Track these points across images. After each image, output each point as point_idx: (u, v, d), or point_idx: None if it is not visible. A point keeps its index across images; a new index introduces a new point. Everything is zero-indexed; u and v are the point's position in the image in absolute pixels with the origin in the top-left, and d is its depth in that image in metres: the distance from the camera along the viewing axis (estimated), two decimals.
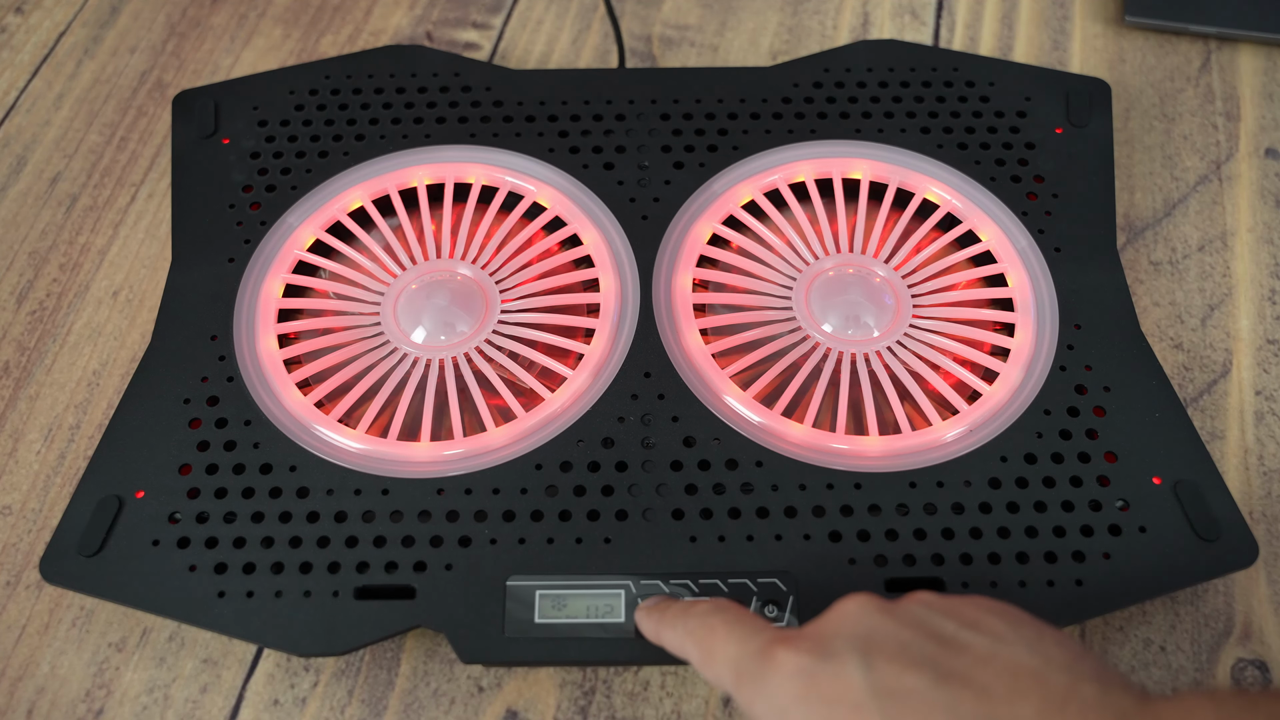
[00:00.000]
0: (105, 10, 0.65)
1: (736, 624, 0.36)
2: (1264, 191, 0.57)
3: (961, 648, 0.33)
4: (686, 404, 0.46)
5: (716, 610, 0.37)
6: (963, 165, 0.53)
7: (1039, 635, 0.33)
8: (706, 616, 0.37)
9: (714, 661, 0.36)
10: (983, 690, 0.31)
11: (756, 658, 0.34)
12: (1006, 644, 0.33)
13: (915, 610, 0.34)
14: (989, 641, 0.33)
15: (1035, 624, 0.34)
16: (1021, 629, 0.34)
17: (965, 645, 0.33)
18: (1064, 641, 0.33)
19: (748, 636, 0.35)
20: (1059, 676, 0.31)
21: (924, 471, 0.45)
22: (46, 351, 0.52)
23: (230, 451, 0.45)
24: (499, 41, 0.64)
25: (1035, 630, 0.34)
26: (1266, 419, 0.50)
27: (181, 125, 0.55)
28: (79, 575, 0.43)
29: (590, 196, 0.52)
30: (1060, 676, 0.31)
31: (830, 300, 0.49)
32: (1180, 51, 0.62)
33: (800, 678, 0.33)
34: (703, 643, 0.36)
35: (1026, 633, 0.33)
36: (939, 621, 0.34)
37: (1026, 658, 0.32)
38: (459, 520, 0.44)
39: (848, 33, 0.64)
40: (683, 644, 0.37)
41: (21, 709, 0.43)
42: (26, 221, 0.57)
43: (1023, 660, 0.32)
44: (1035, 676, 0.31)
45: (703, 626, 0.37)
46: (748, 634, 0.35)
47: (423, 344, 0.49)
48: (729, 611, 0.37)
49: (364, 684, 0.44)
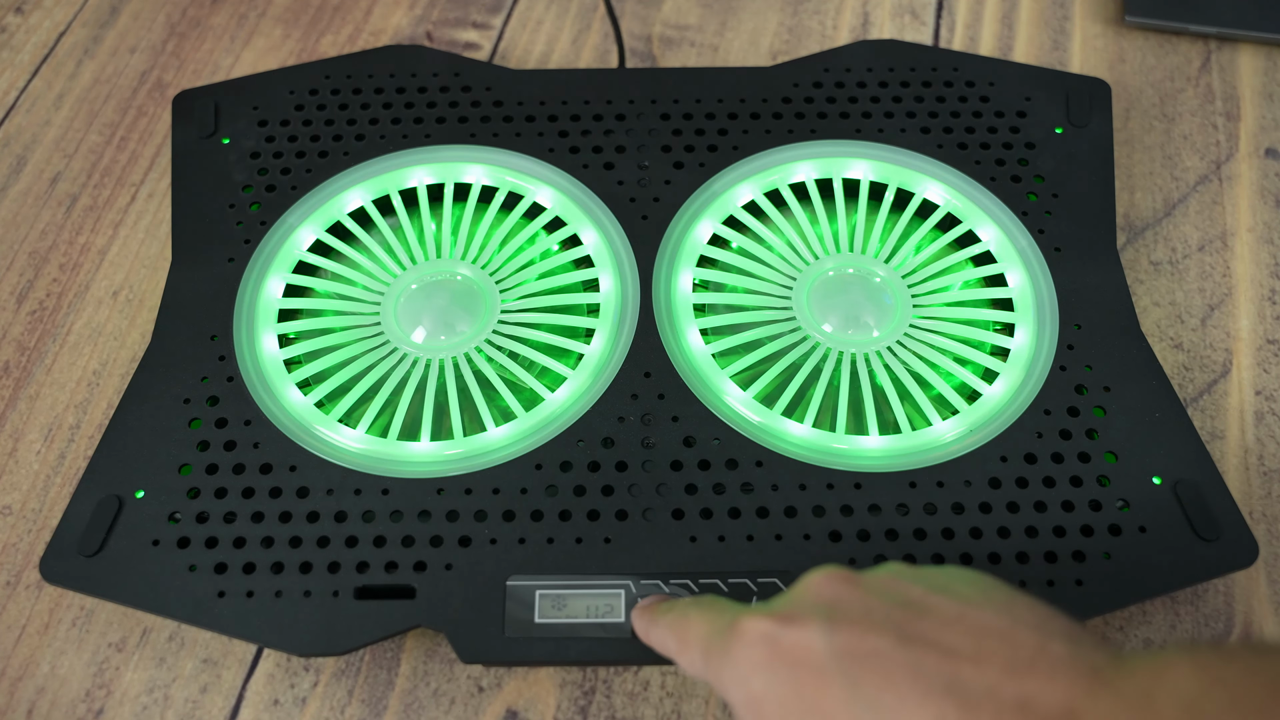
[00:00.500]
0: (105, 10, 0.65)
1: (709, 608, 0.36)
2: (1264, 191, 0.57)
3: (927, 610, 0.32)
4: (686, 404, 0.46)
5: (694, 603, 0.37)
6: (963, 165, 0.53)
7: (1009, 598, 0.33)
8: (684, 609, 0.37)
9: (688, 647, 0.36)
10: (949, 650, 0.30)
11: (723, 632, 0.34)
12: (974, 606, 0.32)
13: (882, 577, 0.34)
14: (956, 604, 0.32)
15: (1005, 588, 0.33)
16: (991, 592, 0.33)
17: (931, 608, 0.32)
18: (1035, 604, 0.33)
19: (717, 616, 0.35)
20: (1027, 635, 0.31)
21: (924, 471, 0.45)
22: (46, 351, 0.52)
23: (230, 451, 0.45)
24: (499, 41, 0.64)
25: (1005, 594, 0.33)
26: (1266, 419, 0.50)
27: (181, 125, 0.55)
28: (79, 575, 0.43)
29: (590, 196, 0.52)
30: (1028, 635, 0.31)
31: (830, 300, 0.49)
32: (1180, 51, 0.62)
33: (763, 644, 0.33)
34: (678, 632, 0.36)
35: (996, 595, 0.33)
36: (905, 587, 0.33)
37: (994, 618, 0.31)
38: (459, 520, 0.44)
39: (848, 33, 0.64)
40: (664, 639, 0.38)
41: (21, 709, 0.43)
42: (26, 221, 0.57)
43: (990, 621, 0.31)
44: (1002, 636, 0.31)
45: (679, 618, 0.37)
46: (717, 614, 0.35)
47: (423, 344, 0.49)
48: (704, 600, 0.37)
49: (364, 684, 0.44)
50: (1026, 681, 0.29)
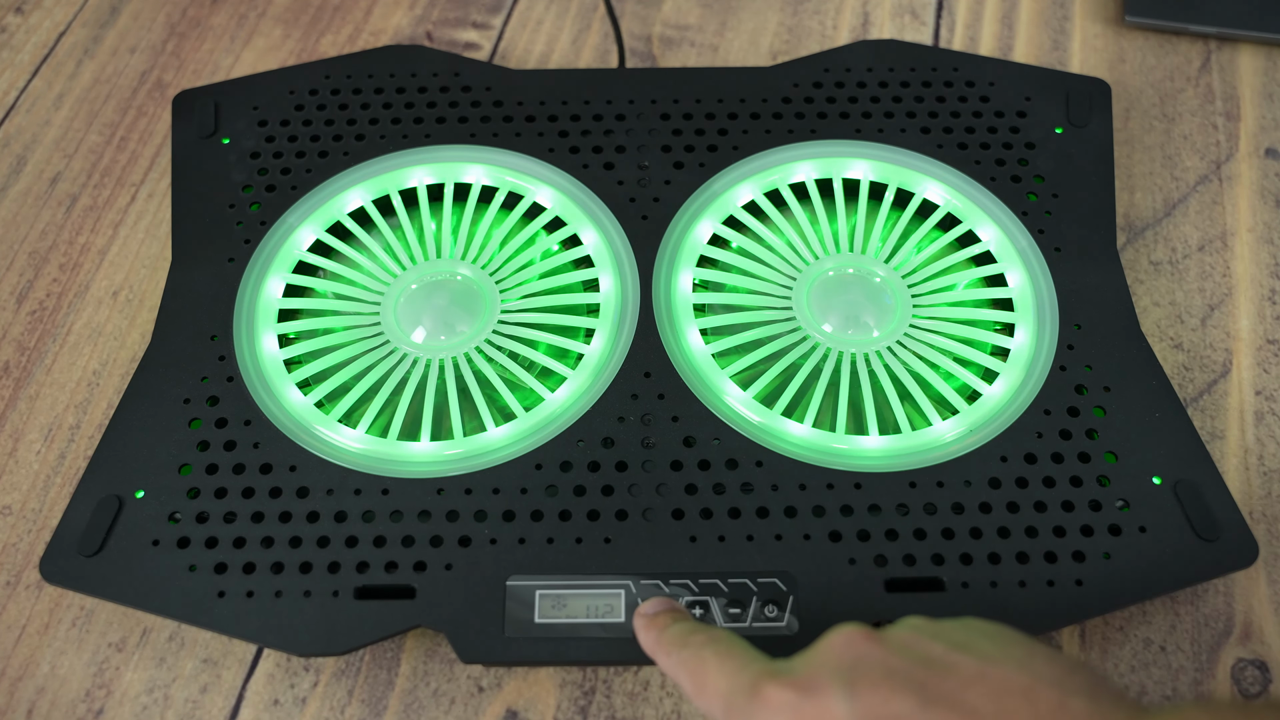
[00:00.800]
0: (105, 10, 0.65)
1: (728, 657, 0.36)
2: (1264, 191, 0.57)
3: (948, 670, 0.32)
4: (686, 404, 0.46)
5: (710, 642, 0.37)
6: (963, 165, 0.53)
7: (1030, 653, 0.33)
8: (700, 649, 0.37)
9: (705, 694, 0.35)
10: (970, 712, 0.31)
11: (745, 693, 0.34)
12: (995, 663, 0.32)
13: (902, 636, 0.34)
14: (977, 662, 0.32)
15: (1025, 642, 0.34)
16: (1010, 647, 0.33)
17: (952, 667, 0.32)
18: (1055, 658, 0.33)
19: (737, 670, 0.35)
20: (1048, 692, 0.31)
21: (924, 471, 0.45)
22: (46, 351, 0.52)
23: (230, 451, 0.45)
24: (499, 41, 0.64)
25: (1025, 648, 0.33)
26: (1266, 419, 0.50)
27: (181, 125, 0.55)
28: (79, 575, 0.43)
29: (590, 196, 0.52)
30: (1049, 692, 0.31)
31: (830, 300, 0.49)
32: (1180, 51, 0.62)
33: (786, 712, 0.33)
34: (695, 675, 0.36)
35: (1016, 651, 0.33)
36: (926, 646, 0.34)
37: (1015, 676, 0.32)
38: (459, 520, 0.44)
39: (848, 33, 0.64)
40: (676, 673, 0.37)
41: (21, 709, 0.43)
42: (26, 221, 0.57)
43: (1011, 679, 0.32)
44: (1024, 694, 0.31)
45: (695, 658, 0.36)
46: (737, 668, 0.35)
47: (423, 344, 0.49)
48: (721, 643, 0.37)
49: (364, 684, 0.44)
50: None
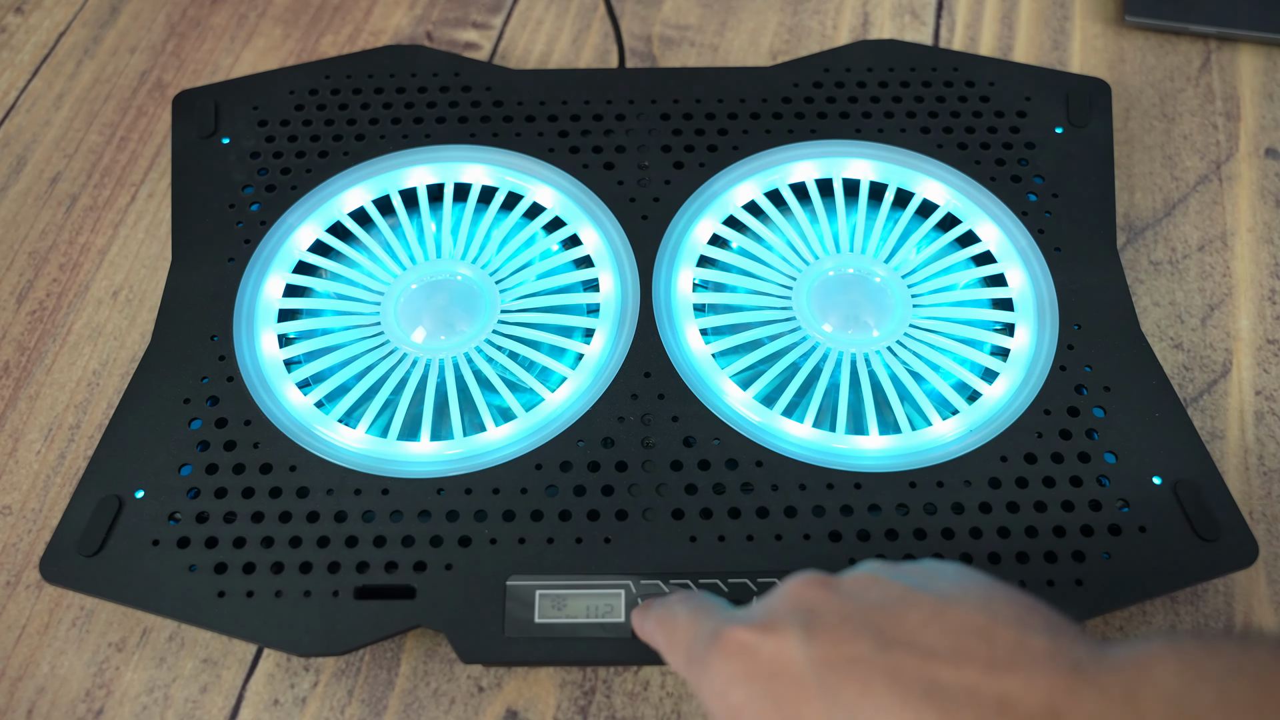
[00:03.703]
0: (105, 10, 0.65)
1: (697, 609, 0.36)
2: (1264, 191, 0.57)
3: (905, 611, 0.32)
4: (686, 404, 0.46)
5: (683, 598, 0.37)
6: (963, 165, 0.53)
7: (988, 592, 0.32)
8: (673, 604, 0.37)
9: (674, 648, 0.36)
10: (927, 652, 0.30)
11: (704, 639, 0.34)
12: (953, 603, 0.31)
13: (859, 577, 0.34)
14: (934, 600, 0.32)
15: (984, 580, 0.33)
16: (969, 586, 0.32)
17: (910, 608, 0.32)
18: (1015, 597, 0.32)
19: (701, 619, 0.35)
20: (1006, 632, 0.30)
21: (924, 471, 0.45)
22: (46, 351, 0.52)
23: (230, 451, 0.45)
24: (499, 41, 0.64)
25: (984, 587, 0.32)
26: (1266, 419, 0.50)
27: (181, 125, 0.55)
28: (79, 575, 0.43)
29: (590, 196, 0.52)
30: (1008, 630, 0.30)
31: (830, 300, 0.49)
32: (1180, 51, 0.62)
33: (741, 656, 0.32)
34: (667, 630, 0.36)
35: (974, 590, 0.32)
36: (883, 586, 0.33)
37: (973, 615, 0.31)
38: (459, 520, 0.44)
39: (848, 33, 0.64)
40: (653, 634, 0.37)
41: (21, 709, 0.43)
42: (26, 221, 0.57)
43: (969, 618, 0.31)
44: (981, 634, 0.30)
45: (668, 614, 0.37)
46: (702, 617, 0.35)
47: (423, 344, 0.49)
48: (692, 598, 0.37)
49: (364, 684, 0.44)
50: (1006, 680, 0.29)
